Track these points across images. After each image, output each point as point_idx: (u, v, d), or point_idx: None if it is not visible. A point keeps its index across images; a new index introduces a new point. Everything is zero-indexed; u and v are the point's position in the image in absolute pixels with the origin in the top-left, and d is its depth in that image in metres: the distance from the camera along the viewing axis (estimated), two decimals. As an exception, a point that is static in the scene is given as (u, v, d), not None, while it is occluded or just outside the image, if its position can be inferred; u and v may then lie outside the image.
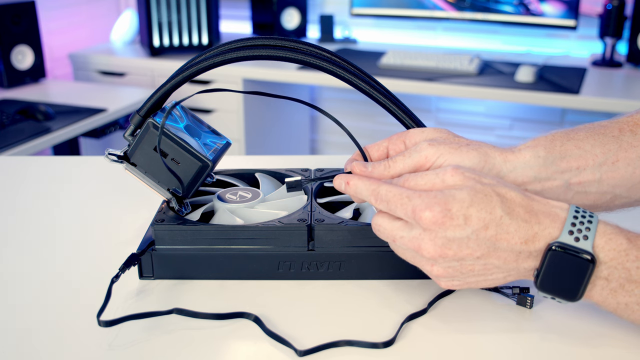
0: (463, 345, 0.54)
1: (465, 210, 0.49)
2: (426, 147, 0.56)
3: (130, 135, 0.63)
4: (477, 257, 0.50)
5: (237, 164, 0.79)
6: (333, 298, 0.60)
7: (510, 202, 0.50)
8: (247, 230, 0.61)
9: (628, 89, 2.20)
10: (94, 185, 0.90)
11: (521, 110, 2.65)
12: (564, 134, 0.58)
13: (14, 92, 2.22)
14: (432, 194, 0.51)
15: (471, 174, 0.52)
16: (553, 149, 0.57)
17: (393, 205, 0.52)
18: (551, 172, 0.57)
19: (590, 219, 0.50)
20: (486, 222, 0.49)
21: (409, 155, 0.56)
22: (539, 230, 0.50)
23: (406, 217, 0.52)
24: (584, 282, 0.49)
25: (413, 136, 0.59)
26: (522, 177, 0.56)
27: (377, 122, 2.89)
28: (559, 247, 0.49)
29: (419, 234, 0.51)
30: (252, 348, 0.54)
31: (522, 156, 0.56)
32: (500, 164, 0.56)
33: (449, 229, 0.50)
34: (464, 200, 0.50)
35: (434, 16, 2.53)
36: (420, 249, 0.51)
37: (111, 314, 0.57)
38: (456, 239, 0.50)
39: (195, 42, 2.58)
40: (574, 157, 0.57)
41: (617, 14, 2.26)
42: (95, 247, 0.71)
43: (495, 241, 0.50)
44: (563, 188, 0.57)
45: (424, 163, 0.56)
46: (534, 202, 0.51)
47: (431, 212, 0.49)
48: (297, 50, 0.60)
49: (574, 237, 0.49)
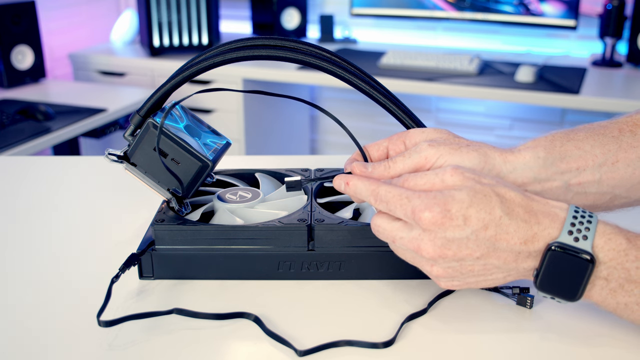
0: (463, 345, 0.54)
1: (464, 211, 0.49)
2: (426, 148, 0.56)
3: (130, 135, 0.63)
4: (477, 258, 0.50)
5: (237, 164, 0.79)
6: (333, 298, 0.60)
7: (510, 202, 0.50)
8: (247, 230, 0.61)
9: (628, 89, 2.20)
10: (94, 185, 0.90)
11: (521, 110, 2.65)
12: (564, 134, 0.58)
13: (14, 92, 2.22)
14: (432, 194, 0.51)
15: (471, 174, 0.52)
16: (553, 150, 0.57)
17: (392, 205, 0.52)
18: (551, 173, 0.57)
19: (590, 219, 0.50)
20: (486, 223, 0.49)
21: (409, 155, 0.56)
22: (539, 230, 0.50)
23: (406, 217, 0.52)
24: (584, 282, 0.49)
25: (413, 136, 0.59)
26: (522, 177, 0.56)
27: (377, 122, 2.90)
28: (559, 247, 0.49)
29: (418, 235, 0.51)
30: (252, 348, 0.54)
31: (521, 157, 0.56)
32: (500, 165, 0.56)
33: (448, 230, 0.50)
34: (464, 200, 0.50)
35: (434, 16, 2.53)
36: (419, 249, 0.51)
37: (111, 314, 0.57)
38: (455, 239, 0.50)
39: (195, 42, 2.58)
40: (573, 157, 0.57)
41: (617, 14, 2.26)
42: (95, 247, 0.71)
43: (494, 241, 0.50)
44: (563, 189, 0.57)
45: (424, 164, 0.56)
46: (533, 202, 0.51)
47: (430, 213, 0.49)
48: (297, 50, 0.60)
49: (573, 237, 0.49)
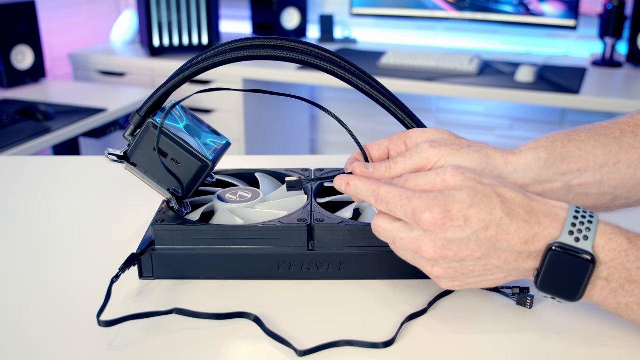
0: (463, 345, 0.54)
1: (465, 211, 0.49)
2: (427, 149, 0.56)
3: (130, 135, 0.63)
4: (478, 258, 0.50)
5: (237, 164, 0.79)
6: (333, 298, 0.60)
7: (511, 202, 0.50)
8: (247, 230, 0.61)
9: (628, 89, 2.20)
10: (93, 185, 0.90)
11: (521, 110, 2.65)
12: (565, 135, 0.58)
13: (14, 92, 2.22)
14: (432, 195, 0.51)
15: (472, 174, 0.52)
16: (554, 151, 0.57)
17: (393, 206, 0.52)
18: (552, 174, 0.57)
19: (591, 219, 0.50)
20: (486, 223, 0.49)
21: (410, 156, 0.56)
22: (539, 230, 0.50)
23: (406, 218, 0.52)
24: (584, 282, 0.49)
25: (414, 137, 0.59)
26: (523, 179, 0.56)
27: (377, 122, 2.90)
28: (559, 248, 0.49)
29: (419, 235, 0.51)
30: (252, 348, 0.54)
31: (523, 158, 0.56)
32: (501, 166, 0.56)
33: (449, 230, 0.50)
34: (464, 201, 0.49)
35: (434, 16, 2.53)
36: (420, 250, 0.51)
37: (111, 314, 0.57)
38: (456, 240, 0.50)
39: (195, 42, 2.58)
40: (575, 158, 0.57)
41: (617, 14, 2.26)
42: (95, 247, 0.71)
43: (495, 242, 0.50)
44: (564, 190, 0.57)
45: (425, 164, 0.56)
46: (534, 202, 0.51)
47: (431, 214, 0.49)
48: (297, 50, 0.60)
49: (574, 237, 0.49)
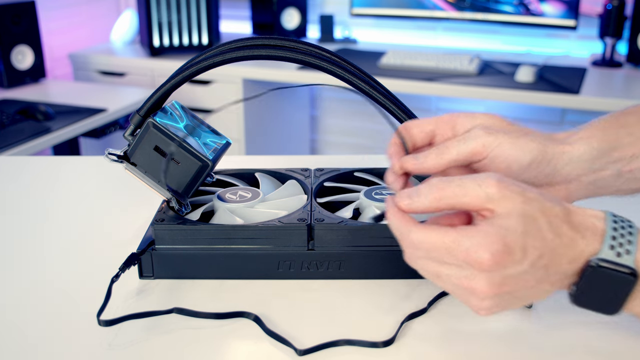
0: (463, 345, 0.54)
1: (521, 242, 0.46)
2: (483, 135, 0.52)
3: (130, 135, 0.63)
4: (531, 287, 0.47)
5: (237, 164, 0.79)
6: (333, 297, 0.60)
7: (555, 218, 0.47)
8: (247, 229, 0.61)
9: (628, 89, 2.20)
10: (93, 185, 0.90)
11: (521, 110, 2.65)
12: (615, 120, 0.56)
13: (14, 92, 2.22)
14: (481, 229, 0.46)
15: (516, 187, 0.47)
16: (606, 140, 0.55)
17: (436, 253, 0.47)
18: (604, 162, 0.55)
19: (630, 229, 0.48)
20: (541, 251, 0.46)
21: (464, 141, 0.52)
22: (584, 246, 0.47)
23: (457, 262, 0.47)
24: (626, 297, 0.47)
25: (464, 122, 0.55)
26: (577, 170, 0.55)
27: (377, 122, 2.89)
28: (601, 264, 0.46)
29: (471, 274, 0.46)
30: (252, 347, 0.54)
31: (577, 149, 0.54)
32: (557, 157, 0.54)
33: (508, 267, 0.46)
34: (517, 230, 0.46)
35: (434, 16, 2.53)
36: (474, 290, 0.47)
37: (111, 314, 0.57)
38: (514, 275, 0.46)
39: (195, 42, 2.58)
40: (626, 146, 0.55)
41: (617, 14, 2.26)
42: (95, 246, 0.71)
43: (547, 268, 0.47)
44: (614, 176, 0.55)
45: (481, 151, 0.52)
46: (572, 214, 0.48)
47: (490, 254, 0.45)
48: (297, 50, 0.60)
49: (615, 252, 0.47)
